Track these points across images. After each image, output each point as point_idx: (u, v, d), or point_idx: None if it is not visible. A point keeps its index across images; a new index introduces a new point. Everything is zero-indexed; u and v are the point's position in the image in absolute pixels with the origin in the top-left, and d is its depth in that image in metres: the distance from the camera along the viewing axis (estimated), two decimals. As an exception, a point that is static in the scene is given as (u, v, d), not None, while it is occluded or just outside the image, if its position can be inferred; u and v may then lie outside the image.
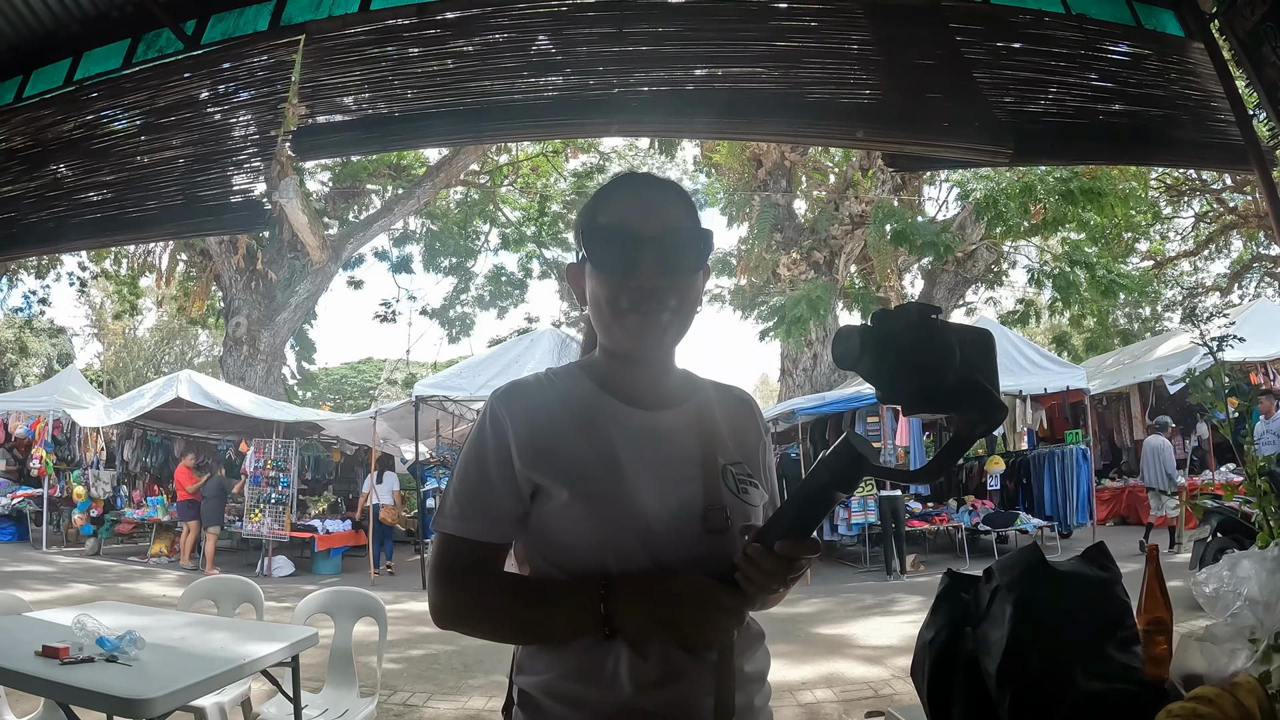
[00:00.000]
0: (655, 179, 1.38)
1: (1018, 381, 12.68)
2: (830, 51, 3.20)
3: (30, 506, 15.22)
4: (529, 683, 1.26)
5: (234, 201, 3.31)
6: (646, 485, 1.25)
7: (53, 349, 35.30)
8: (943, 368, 0.98)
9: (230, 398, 14.61)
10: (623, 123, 3.31)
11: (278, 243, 20.96)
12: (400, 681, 6.24)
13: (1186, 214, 25.99)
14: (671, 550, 1.22)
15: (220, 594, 4.34)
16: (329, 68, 3.36)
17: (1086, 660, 1.51)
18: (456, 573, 1.28)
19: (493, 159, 23.55)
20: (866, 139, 3.41)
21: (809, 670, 6.50)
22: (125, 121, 3.76)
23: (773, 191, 20.43)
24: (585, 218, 1.34)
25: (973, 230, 18.43)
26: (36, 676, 2.63)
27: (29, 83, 4.04)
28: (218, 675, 2.81)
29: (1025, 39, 3.45)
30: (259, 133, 3.42)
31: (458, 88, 3.23)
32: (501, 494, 1.26)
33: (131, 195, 3.50)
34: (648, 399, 1.35)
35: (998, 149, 3.06)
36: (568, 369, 1.41)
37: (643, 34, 3.19)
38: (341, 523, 14.63)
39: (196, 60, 3.64)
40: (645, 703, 1.19)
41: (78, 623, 2.98)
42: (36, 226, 3.72)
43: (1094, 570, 1.68)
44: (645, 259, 1.25)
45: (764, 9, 3.25)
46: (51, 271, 26.62)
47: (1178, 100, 3.52)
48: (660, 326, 1.29)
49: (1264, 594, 1.56)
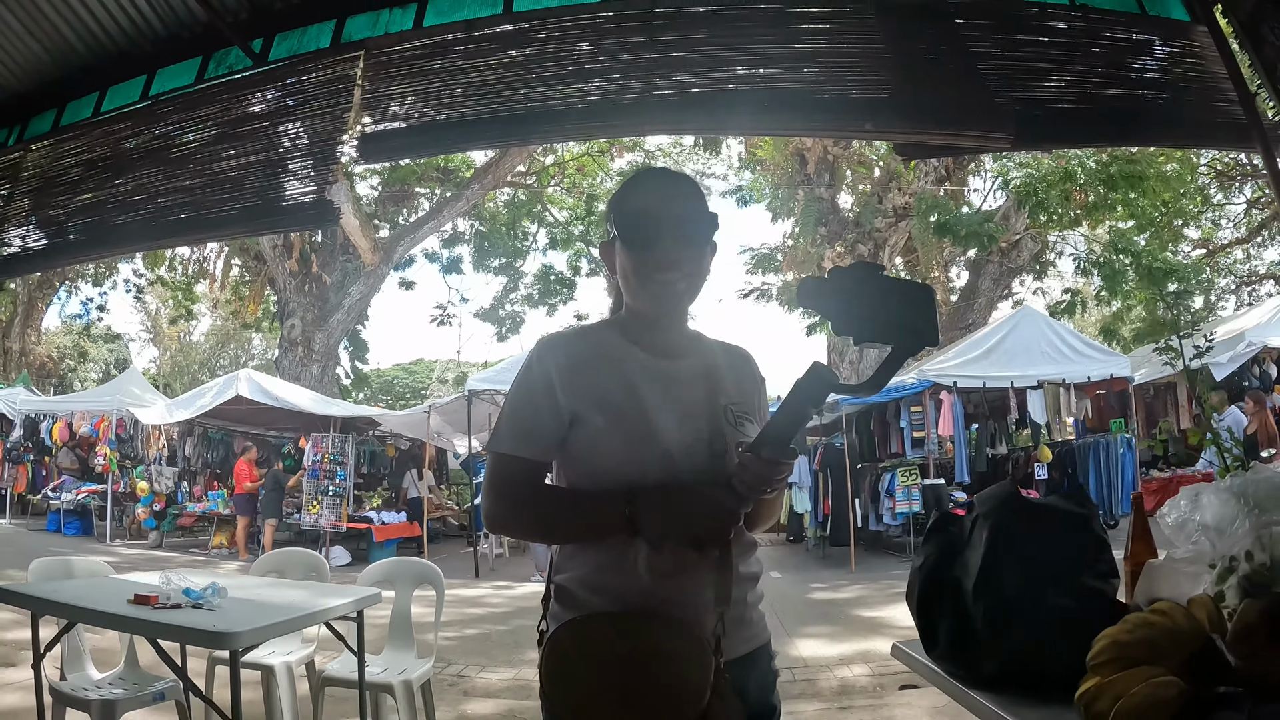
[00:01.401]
0: (671, 173, 1.72)
1: (1060, 369, 12.63)
2: (842, 50, 3.42)
3: (95, 502, 15.80)
4: (565, 578, 1.57)
5: (306, 201, 3.63)
6: (665, 418, 1.55)
7: (110, 354, 36.26)
8: (883, 305, 1.32)
9: (289, 394, 15.14)
10: (653, 123, 3.57)
11: (330, 245, 21.40)
12: (454, 655, 6.55)
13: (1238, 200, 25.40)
14: (684, 470, 1.52)
15: (288, 566, 4.63)
16: (387, 79, 3.67)
17: (1058, 582, 1.69)
18: (508, 483, 1.58)
19: (539, 160, 23.74)
20: (875, 131, 3.65)
21: (846, 648, 6.70)
22: (200, 132, 4.08)
23: (816, 186, 20.49)
24: (615, 204, 1.66)
25: (1016, 220, 18.31)
26: (131, 617, 2.96)
27: (105, 98, 4.41)
28: (293, 619, 3.15)
29: (1030, 30, 3.62)
30: (326, 140, 3.73)
31: (505, 95, 3.52)
32: (546, 420, 1.55)
33: (211, 198, 3.84)
34: (665, 350, 1.65)
35: (999, 135, 3.26)
36: (599, 324, 1.75)
37: (670, 41, 3.45)
38: (397, 514, 15.05)
39: (265, 75, 3.97)
40: (661, 589, 1.48)
41: (164, 578, 3.33)
42: (120, 228, 4.07)
43: (1070, 506, 1.88)
44: (664, 235, 1.57)
45: (780, 13, 3.47)
46: (108, 279, 27.44)
47: (1181, 83, 3.65)
48: (676, 292, 1.61)
49: (1217, 521, 1.67)
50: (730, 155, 24.34)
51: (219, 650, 3.12)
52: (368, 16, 3.84)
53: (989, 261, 19.73)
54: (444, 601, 4.42)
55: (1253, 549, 1.51)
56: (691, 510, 1.45)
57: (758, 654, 1.66)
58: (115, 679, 3.75)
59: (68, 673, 3.64)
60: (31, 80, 4.45)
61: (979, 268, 20.49)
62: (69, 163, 4.35)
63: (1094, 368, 12.80)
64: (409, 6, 3.79)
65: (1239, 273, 27.02)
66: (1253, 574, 1.47)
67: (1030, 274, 22.19)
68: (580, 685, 1.42)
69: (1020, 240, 19.24)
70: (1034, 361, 12.50)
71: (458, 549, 15.64)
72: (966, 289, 21.23)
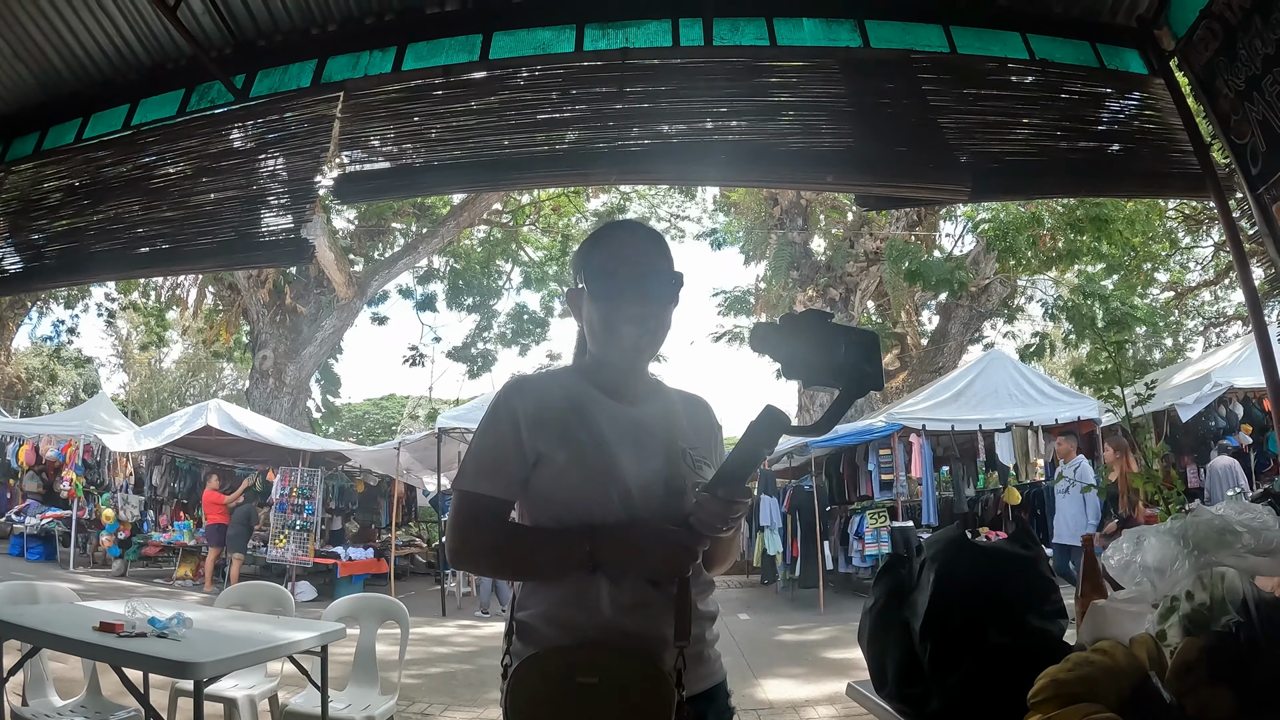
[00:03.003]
0: (640, 227, 1.81)
1: (1028, 412, 12.78)
2: (808, 104, 3.55)
3: (59, 527, 15.47)
4: (527, 614, 1.61)
5: (280, 238, 3.68)
6: (626, 459, 1.62)
7: (79, 378, 35.75)
8: (832, 351, 1.40)
9: (258, 427, 14.98)
10: (622, 172, 3.68)
11: (305, 278, 21.29)
12: (418, 694, 6.49)
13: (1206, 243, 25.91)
14: (642, 508, 1.59)
15: (253, 599, 4.62)
16: (365, 121, 3.76)
17: (1002, 621, 1.74)
18: (472, 520, 1.63)
19: (515, 199, 23.76)
20: (835, 183, 3.76)
21: (814, 690, 6.69)
22: (179, 164, 4.13)
23: (789, 229, 20.72)
24: (583, 256, 1.73)
25: (986, 265, 18.59)
26: (95, 644, 2.95)
27: (88, 125, 4.44)
28: (258, 651, 3.17)
29: (990, 85, 3.76)
30: (302, 178, 3.80)
31: (480, 140, 3.61)
32: (511, 459, 1.61)
33: (185, 230, 3.87)
34: (626, 396, 1.73)
35: (956, 187, 3.38)
36: (565, 370, 1.81)
37: (641, 93, 3.57)
38: (364, 550, 14.89)
39: (245, 111, 4.04)
40: (622, 624, 1.53)
41: (130, 608, 3.33)
42: (97, 256, 4.07)
43: (1016, 549, 1.95)
44: (630, 292, 1.64)
45: (749, 67, 3.60)
46: (80, 302, 27.08)
47: (1137, 135, 3.79)
48: (639, 345, 1.69)
49: (1159, 562, 1.70)
50: (704, 198, 24.63)
51: (183, 680, 3.12)
52: (348, 58, 3.93)
53: (959, 305, 19.95)
54: (409, 639, 4.41)
55: (1193, 589, 1.56)
56: (650, 546, 1.52)
57: (715, 690, 1.70)
58: (77, 706, 3.73)
59: (30, 699, 3.62)
60: (16, 102, 4.47)
61: (949, 311, 20.70)
62: (49, 187, 4.37)
63: (1060, 410, 12.96)
64: (389, 49, 3.88)
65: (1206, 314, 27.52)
66: (1193, 613, 1.52)
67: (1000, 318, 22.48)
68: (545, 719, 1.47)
69: (990, 285, 19.51)
70: (1002, 404, 12.65)
71: (425, 586, 15.50)
72: (936, 333, 21.46)
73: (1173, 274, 25.70)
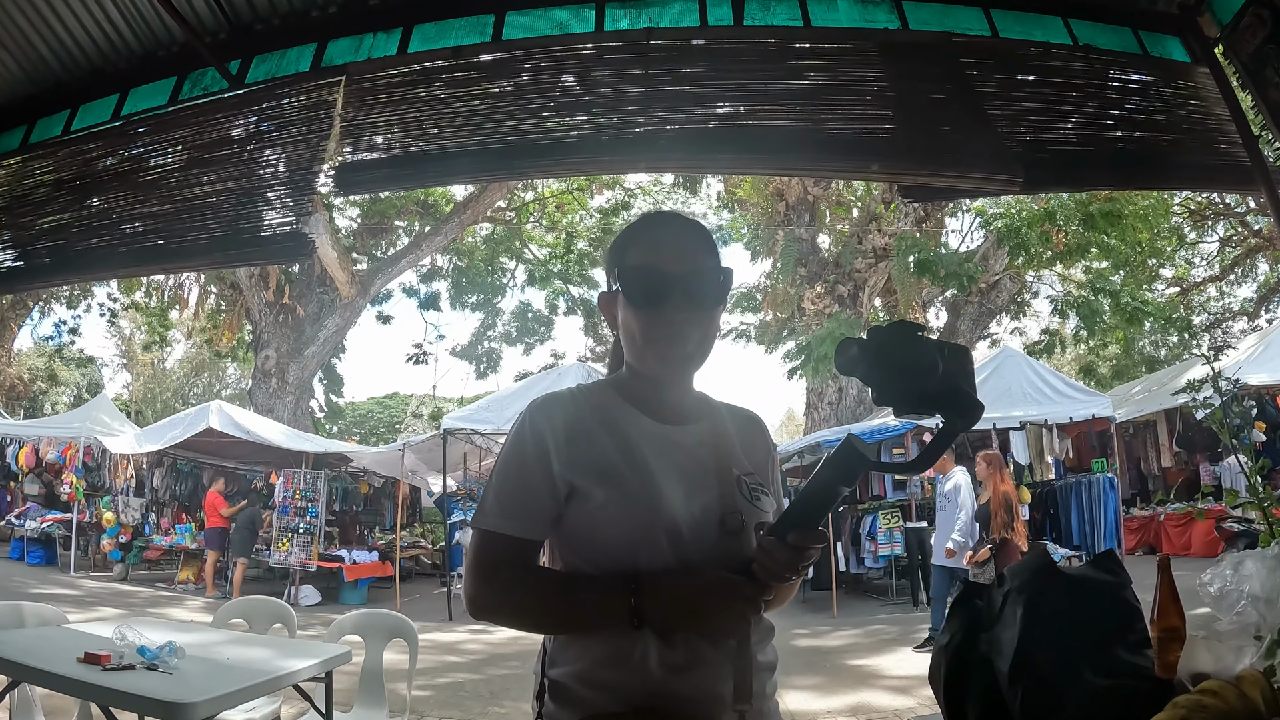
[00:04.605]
0: (681, 219, 1.52)
1: (1043, 410, 12.66)
2: (846, 89, 3.33)
3: (59, 531, 15.34)
4: (562, 673, 1.36)
5: (278, 233, 3.46)
6: (673, 491, 1.37)
7: (82, 378, 35.78)
8: (928, 374, 1.17)
9: (261, 428, 14.84)
10: (649, 160, 3.46)
11: (307, 277, 21.27)
12: (427, 708, 6.29)
13: (1211, 239, 25.79)
14: (694, 549, 1.34)
15: (253, 614, 4.44)
16: (368, 107, 3.53)
17: (1095, 659, 1.57)
18: (494, 566, 1.38)
19: (519, 196, 23.75)
20: (881, 172, 3.54)
21: (835, 701, 6.49)
22: (172, 156, 3.92)
23: (796, 226, 20.53)
24: (617, 254, 1.48)
25: (995, 260, 18.42)
26: (80, 680, 2.73)
27: (76, 117, 4.23)
28: (256, 685, 2.92)
29: (1034, 70, 3.55)
30: (301, 168, 3.57)
31: (490, 127, 3.38)
32: (540, 493, 1.36)
33: (177, 226, 3.66)
34: (670, 415, 1.48)
35: (1008, 178, 3.16)
36: (598, 385, 1.54)
37: (667, 74, 3.34)
38: (369, 554, 14.72)
39: (241, 99, 3.81)
40: (673, 686, 1.29)
41: (118, 633, 3.10)
42: (86, 254, 3.87)
43: (1102, 574, 1.74)
44: (673, 295, 1.39)
45: (782, 49, 3.38)
46: (83, 302, 27.13)
47: (1184, 125, 3.58)
48: (686, 355, 1.43)
49: (1265, 591, 1.56)
50: (709, 194, 24.51)
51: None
52: (350, 40, 3.69)
53: (968, 302, 19.78)
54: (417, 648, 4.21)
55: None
56: (706, 599, 1.27)
57: None
58: (66, 735, 3.52)
59: (17, 728, 3.41)
60: (2, 95, 4.27)
61: (958, 308, 20.52)
62: (35, 182, 4.17)
63: (1075, 408, 12.82)
64: (394, 31, 3.64)
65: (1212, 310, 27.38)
66: (1308, 646, 1.37)
67: (1008, 314, 22.31)
68: None
69: (999, 281, 19.32)
70: (1016, 402, 12.51)
71: (430, 589, 15.34)
72: (945, 330, 21.26)
73: (1178, 270, 25.59)
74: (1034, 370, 13.39)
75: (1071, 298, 18.05)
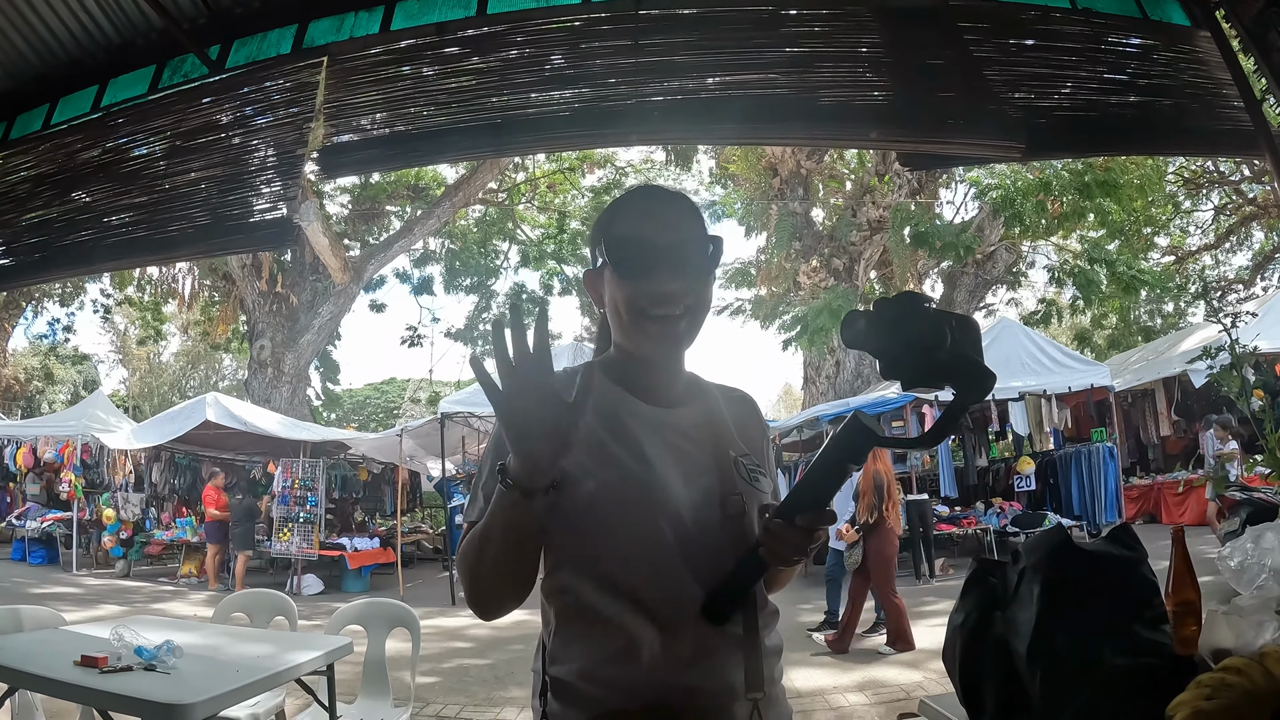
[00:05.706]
0: (666, 191, 1.46)
1: (1041, 381, 12.67)
2: (842, 55, 3.24)
3: (60, 530, 15.33)
4: (565, 670, 1.29)
5: (265, 219, 3.39)
6: (671, 475, 1.31)
7: (78, 376, 35.68)
8: (937, 346, 1.12)
9: (257, 419, 14.78)
10: (641, 132, 3.37)
11: (300, 265, 21.20)
12: (432, 694, 6.27)
13: (1206, 207, 25.75)
14: (696, 534, 1.29)
15: (253, 607, 4.40)
16: (352, 88, 3.44)
17: (1114, 637, 1.52)
18: None
19: (510, 177, 23.63)
20: (881, 139, 3.47)
21: (843, 677, 6.47)
22: (153, 145, 3.84)
23: (790, 200, 20.45)
24: (603, 228, 1.42)
25: (991, 231, 18.37)
26: (76, 685, 2.68)
27: (56, 110, 4.15)
28: (255, 682, 2.87)
29: (1033, 35, 3.46)
30: (285, 152, 3.49)
31: (477, 103, 3.30)
32: None
33: (161, 216, 3.57)
34: (662, 397, 1.42)
35: (1010, 144, 3.09)
36: (585, 367, 1.42)
37: (657, 45, 3.25)
38: (370, 540, 14.70)
39: (222, 84, 3.72)
40: (683, 679, 1.24)
41: (115, 634, 3.04)
42: (70, 249, 3.80)
43: (1119, 550, 1.69)
44: (662, 265, 1.33)
45: (774, 16, 3.28)
46: (76, 299, 26.96)
47: (1186, 89, 3.51)
48: (677, 330, 1.36)
49: None
50: (701, 170, 24.36)
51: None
52: (331, 20, 3.60)
53: (964, 273, 19.75)
54: (420, 636, 4.19)
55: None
56: (527, 420, 1.13)
57: None
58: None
59: (19, 732, 3.37)
60: (-18, 91, 4.18)
61: (954, 280, 20.50)
62: (17, 179, 4.09)
63: (1074, 378, 12.83)
64: (375, 9, 3.55)
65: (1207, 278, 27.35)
66: (1332, 620, 1.33)
67: (1004, 285, 22.28)
68: None
69: (995, 251, 19.28)
70: (1015, 373, 12.49)
71: (433, 574, 15.33)
72: (942, 301, 21.23)
73: (1173, 238, 25.56)
74: (1032, 340, 13.38)
75: (1068, 267, 18.03)
